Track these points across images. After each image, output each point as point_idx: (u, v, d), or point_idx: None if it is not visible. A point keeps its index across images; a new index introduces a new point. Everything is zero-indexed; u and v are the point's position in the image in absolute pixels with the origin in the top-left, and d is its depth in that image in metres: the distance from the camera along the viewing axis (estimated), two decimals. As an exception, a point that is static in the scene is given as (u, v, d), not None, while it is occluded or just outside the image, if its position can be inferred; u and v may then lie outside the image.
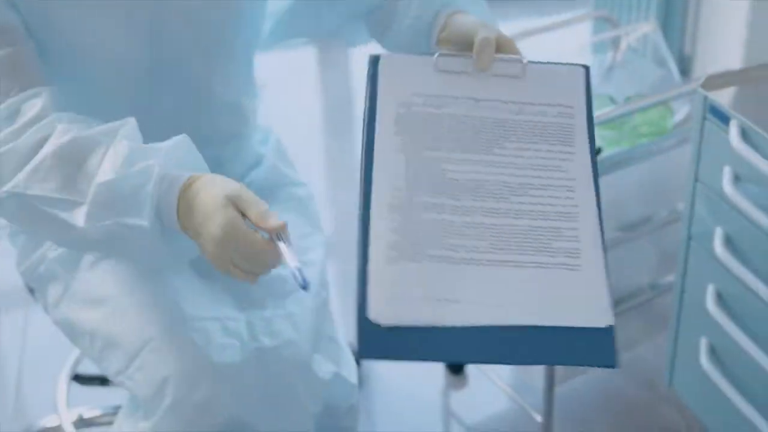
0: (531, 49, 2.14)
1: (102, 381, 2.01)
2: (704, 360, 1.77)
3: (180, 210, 1.13)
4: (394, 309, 0.97)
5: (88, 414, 2.04)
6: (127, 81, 1.34)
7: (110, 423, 1.50)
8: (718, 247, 1.64)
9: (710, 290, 1.71)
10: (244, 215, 1.08)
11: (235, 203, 1.08)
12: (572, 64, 1.17)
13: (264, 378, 1.34)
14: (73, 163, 1.16)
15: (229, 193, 1.09)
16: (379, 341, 0.97)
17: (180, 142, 1.18)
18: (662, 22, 2.93)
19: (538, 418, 2.04)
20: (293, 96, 3.24)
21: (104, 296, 1.39)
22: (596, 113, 1.93)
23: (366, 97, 1.12)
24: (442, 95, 1.11)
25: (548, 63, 1.16)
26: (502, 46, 1.16)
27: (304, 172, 1.72)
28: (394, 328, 0.97)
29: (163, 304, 1.34)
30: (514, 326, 0.99)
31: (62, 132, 1.17)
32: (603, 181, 2.02)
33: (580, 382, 2.17)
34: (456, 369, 2.26)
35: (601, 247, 1.05)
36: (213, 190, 1.10)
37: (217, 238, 1.08)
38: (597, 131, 1.99)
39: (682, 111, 2.16)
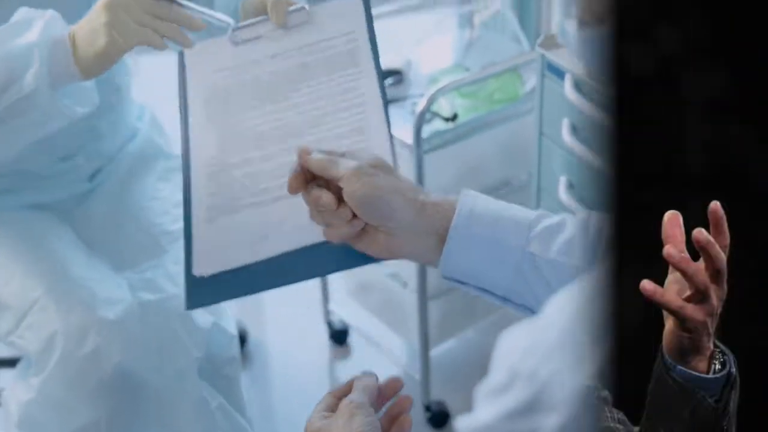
0: (397, 28, 2.26)
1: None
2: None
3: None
4: (215, 260, 1.09)
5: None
6: None
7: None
8: (563, 194, 1.79)
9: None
10: None
11: None
12: None
13: (147, 328, 1.44)
14: None
15: None
16: (203, 291, 1.08)
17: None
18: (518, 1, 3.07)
19: (417, 376, 2.17)
20: (170, 75, 3.26)
21: None
22: (452, 79, 2.06)
23: (179, 89, 1.21)
24: (241, 64, 1.20)
25: (329, 1, 1.24)
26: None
27: (178, 146, 1.80)
28: (216, 275, 1.08)
29: (48, 266, 1.44)
30: (316, 244, 1.07)
31: None
32: (462, 146, 2.17)
33: (453, 342, 2.32)
34: (339, 340, 2.38)
35: (390, 152, 1.12)
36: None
37: None
38: (455, 99, 2.15)
39: (532, 80, 2.31)
